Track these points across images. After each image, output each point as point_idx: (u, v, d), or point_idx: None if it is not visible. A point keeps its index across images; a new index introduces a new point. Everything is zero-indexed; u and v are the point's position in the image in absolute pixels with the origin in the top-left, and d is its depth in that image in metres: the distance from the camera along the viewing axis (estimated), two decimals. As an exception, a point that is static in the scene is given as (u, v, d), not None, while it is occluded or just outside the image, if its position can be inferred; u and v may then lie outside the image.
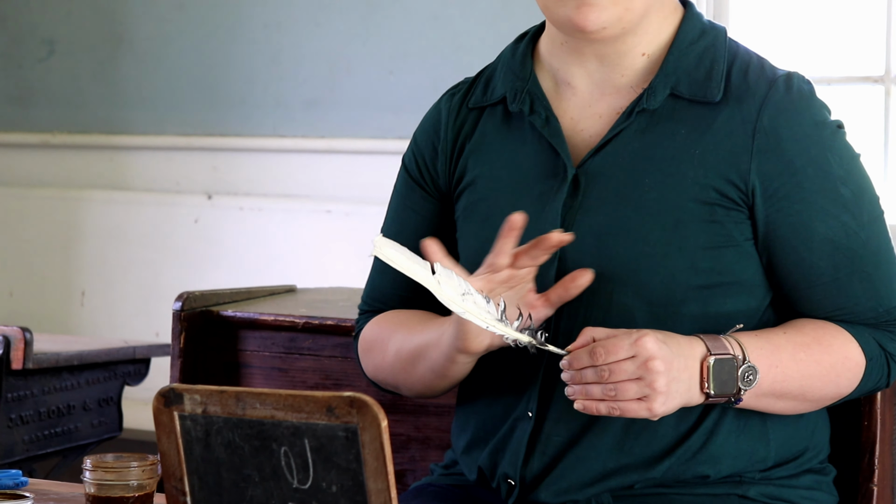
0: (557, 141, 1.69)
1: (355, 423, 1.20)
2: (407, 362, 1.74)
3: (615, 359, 1.54)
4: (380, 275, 1.83)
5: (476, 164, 1.74)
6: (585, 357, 1.56)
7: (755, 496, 1.68)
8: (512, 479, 1.69)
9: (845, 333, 1.66)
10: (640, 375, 1.54)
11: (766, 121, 1.64)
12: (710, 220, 1.64)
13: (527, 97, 1.72)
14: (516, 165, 1.72)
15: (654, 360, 1.54)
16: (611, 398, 1.55)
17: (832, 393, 1.66)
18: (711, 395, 1.59)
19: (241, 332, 2.24)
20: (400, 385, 1.78)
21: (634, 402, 1.55)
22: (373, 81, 4.07)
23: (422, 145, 1.80)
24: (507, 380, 1.71)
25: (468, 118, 1.77)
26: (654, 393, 1.55)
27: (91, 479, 1.53)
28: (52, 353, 2.84)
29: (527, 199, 1.69)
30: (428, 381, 1.72)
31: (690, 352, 1.58)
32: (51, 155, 4.50)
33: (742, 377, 1.59)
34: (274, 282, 3.76)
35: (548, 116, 1.70)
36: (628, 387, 1.54)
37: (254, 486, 1.25)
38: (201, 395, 1.27)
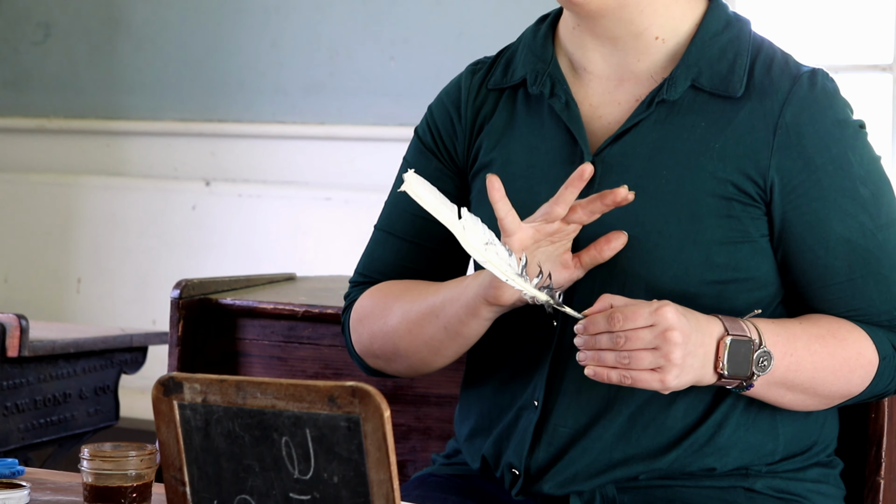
0: (576, 126, 1.68)
1: (357, 412, 1.19)
2: (415, 323, 1.71)
3: (633, 326, 1.53)
4: (380, 246, 1.81)
5: (493, 147, 1.74)
6: (602, 322, 1.54)
7: (761, 489, 1.67)
8: (516, 469, 1.68)
9: (860, 331, 1.65)
10: (656, 345, 1.53)
11: (788, 117, 1.64)
12: (727, 214, 1.63)
13: (547, 80, 1.72)
14: (533, 149, 1.71)
15: (672, 331, 1.53)
16: (623, 366, 1.53)
17: (842, 389, 1.65)
18: (725, 376, 1.58)
19: (239, 320, 2.24)
20: (400, 352, 1.74)
21: (647, 373, 1.53)
22: (374, 68, 4.07)
23: (439, 119, 1.79)
24: (514, 367, 1.70)
25: (487, 98, 1.76)
26: (668, 364, 1.53)
27: (89, 469, 1.52)
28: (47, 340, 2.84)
29: (542, 185, 1.68)
30: (437, 342, 1.69)
31: (708, 329, 1.57)
32: (47, 140, 4.49)
33: (757, 361, 1.58)
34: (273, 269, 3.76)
35: (567, 101, 1.70)
36: (643, 356, 1.53)
37: (254, 477, 1.25)
38: (201, 383, 1.27)
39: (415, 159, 1.80)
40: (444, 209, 1.54)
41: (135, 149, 4.37)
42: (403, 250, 1.78)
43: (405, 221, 1.78)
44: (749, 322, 1.60)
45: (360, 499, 1.20)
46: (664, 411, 1.64)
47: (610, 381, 1.54)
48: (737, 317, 1.62)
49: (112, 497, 1.52)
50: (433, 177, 1.75)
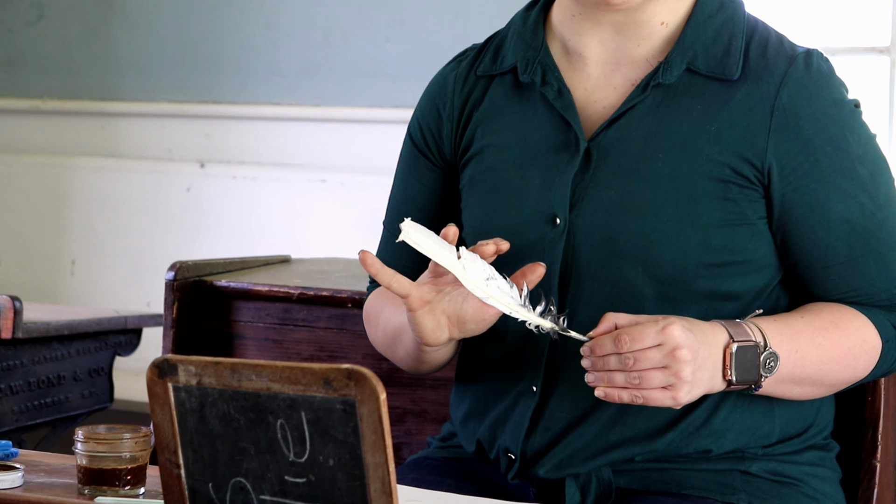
0: (570, 113, 1.68)
1: (353, 395, 1.19)
2: (391, 341, 1.75)
3: (641, 347, 1.53)
4: (386, 245, 1.82)
5: (484, 134, 1.73)
6: (609, 344, 1.54)
7: (757, 472, 1.67)
8: (512, 454, 1.68)
9: (862, 316, 1.66)
10: (666, 364, 1.53)
11: (784, 99, 1.63)
12: (724, 197, 1.63)
13: (538, 67, 1.71)
14: (526, 136, 1.70)
15: (681, 349, 1.53)
16: (634, 386, 1.54)
17: (848, 377, 1.66)
18: (734, 383, 1.59)
19: (234, 302, 2.24)
20: (393, 359, 1.78)
21: (658, 391, 1.54)
22: (369, 49, 4.06)
23: (426, 113, 1.79)
24: (512, 354, 1.70)
25: (477, 86, 1.76)
26: (679, 382, 1.54)
27: (83, 451, 1.52)
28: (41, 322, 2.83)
29: (536, 172, 1.68)
30: (409, 362, 1.73)
31: (714, 339, 1.58)
32: (41, 121, 4.48)
33: (764, 364, 1.59)
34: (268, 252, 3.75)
35: (560, 88, 1.69)
36: (653, 375, 1.54)
37: (249, 460, 1.25)
38: (196, 366, 1.26)
39: (406, 159, 1.81)
40: (443, 251, 1.55)
41: (129, 130, 4.36)
42: (409, 252, 1.78)
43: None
44: (752, 324, 1.60)
45: (356, 482, 1.20)
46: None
47: (621, 401, 1.55)
48: (728, 310, 1.62)
49: (106, 479, 1.52)
50: (422, 175, 1.77)
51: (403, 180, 1.80)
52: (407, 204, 1.78)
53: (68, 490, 1.54)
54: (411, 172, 1.79)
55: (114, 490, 1.52)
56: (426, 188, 1.78)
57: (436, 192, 1.78)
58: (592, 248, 1.63)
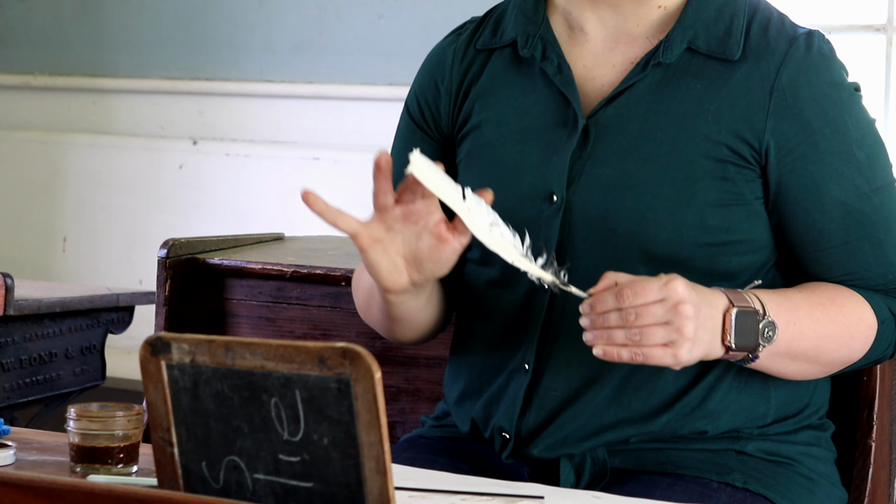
0: (569, 90, 1.67)
1: (348, 374, 1.19)
2: (367, 302, 1.75)
3: (643, 301, 1.51)
4: None
5: (482, 108, 1.72)
6: (611, 299, 1.52)
7: (753, 451, 1.67)
8: (507, 433, 1.68)
9: (858, 296, 1.65)
10: (668, 319, 1.51)
11: (784, 80, 1.63)
12: (721, 177, 1.62)
13: (539, 42, 1.70)
14: (524, 112, 1.70)
15: (684, 304, 1.51)
16: (634, 343, 1.51)
17: (844, 356, 1.65)
18: (732, 348, 1.57)
19: (227, 280, 2.23)
20: (378, 328, 1.77)
21: (659, 348, 1.51)
22: (363, 26, 4.04)
23: (425, 86, 1.78)
24: (504, 331, 1.70)
25: (476, 60, 1.75)
26: (681, 339, 1.51)
27: (75, 429, 1.52)
28: (33, 299, 2.83)
29: (533, 148, 1.67)
30: (385, 323, 1.71)
31: (714, 301, 1.56)
32: (32, 97, 4.46)
33: (762, 332, 1.58)
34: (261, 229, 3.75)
35: (560, 64, 1.68)
36: (655, 331, 1.51)
37: (243, 438, 1.25)
38: (189, 344, 1.26)
39: (403, 131, 1.80)
40: (449, 190, 1.53)
41: (121, 107, 4.35)
42: None
43: None
44: (751, 293, 1.60)
45: (350, 461, 1.20)
46: (656, 374, 1.64)
47: (621, 360, 1.52)
48: (737, 287, 1.61)
49: (99, 457, 1.51)
50: (421, 147, 1.74)
51: (399, 153, 1.79)
52: (402, 177, 1.77)
53: (61, 468, 1.54)
54: (407, 146, 1.78)
55: (106, 468, 1.51)
56: None
57: None
58: (589, 226, 1.63)
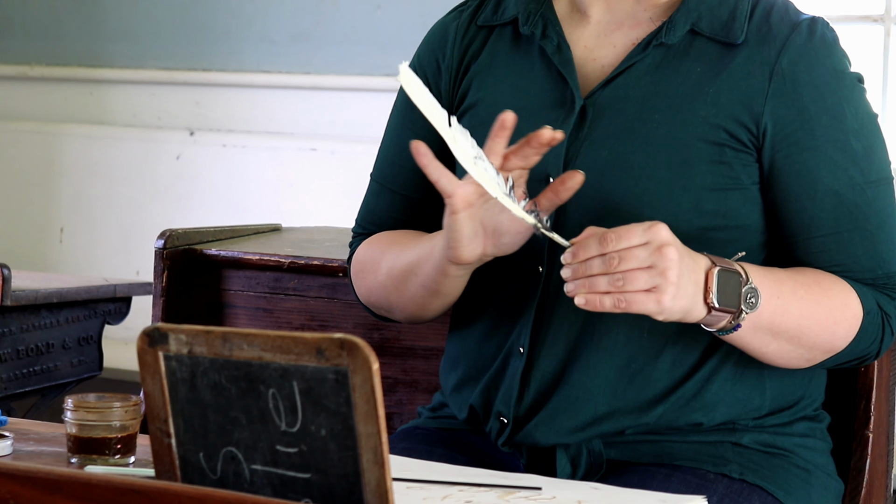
0: (567, 69, 1.67)
1: (346, 365, 1.19)
2: (399, 280, 1.70)
3: (627, 244, 1.48)
4: (375, 197, 1.80)
5: (480, 87, 1.72)
6: (594, 244, 1.49)
7: (748, 443, 1.68)
8: (505, 417, 1.68)
9: (845, 284, 1.64)
10: (652, 263, 1.49)
11: (785, 64, 1.63)
12: (719, 161, 1.62)
13: (539, 20, 1.70)
14: (522, 91, 1.69)
15: (668, 247, 1.49)
16: (617, 289, 1.48)
17: (826, 340, 1.63)
18: (715, 307, 1.54)
19: (224, 271, 2.23)
20: (393, 306, 1.75)
21: (643, 294, 1.49)
22: (360, 16, 4.04)
23: (425, 62, 1.77)
24: (499, 315, 1.69)
25: (477, 37, 1.74)
26: (665, 283, 1.49)
27: (73, 420, 1.52)
28: (30, 290, 2.83)
29: (530, 128, 1.66)
30: (420, 299, 1.69)
31: (697, 259, 1.54)
32: (29, 88, 4.46)
33: (745, 297, 1.55)
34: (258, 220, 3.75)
35: (560, 43, 1.68)
36: (638, 275, 1.49)
37: (241, 429, 1.25)
38: (187, 335, 1.26)
39: (401, 108, 1.79)
40: (436, 112, 1.50)
41: (118, 97, 4.34)
42: (396, 203, 1.77)
43: (397, 174, 1.77)
44: (735, 262, 1.59)
45: (348, 452, 1.20)
46: (651, 364, 1.63)
47: (603, 309, 1.49)
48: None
49: (96, 448, 1.51)
50: (418, 126, 1.73)
51: (396, 130, 1.78)
52: (400, 155, 1.76)
53: (58, 459, 1.54)
54: (406, 123, 1.77)
55: (104, 459, 1.52)
56: (420, 139, 1.76)
57: (431, 144, 1.76)
58: (584, 208, 1.62)
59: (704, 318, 1.56)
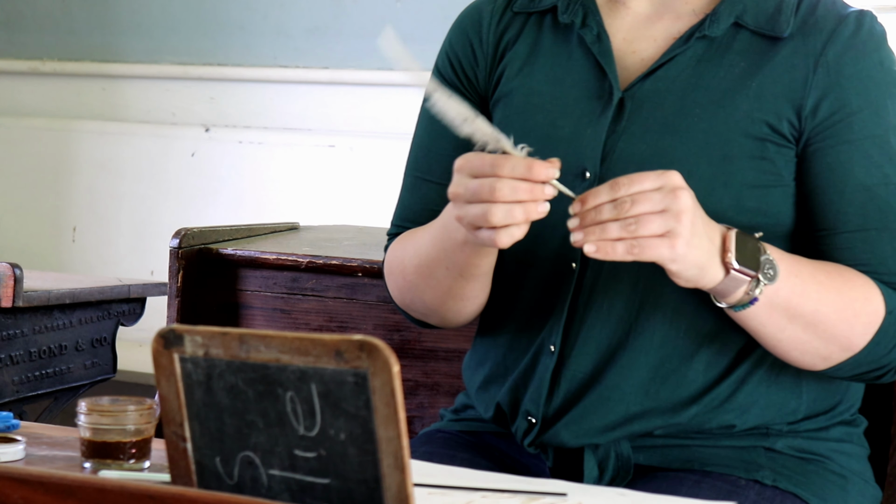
0: (606, 60, 1.67)
1: (365, 367, 1.19)
2: (426, 273, 1.69)
3: (640, 188, 1.47)
4: (409, 192, 1.79)
5: (515, 75, 1.72)
6: (605, 190, 1.48)
7: (782, 448, 1.67)
8: (533, 417, 1.68)
9: (869, 280, 1.62)
10: (665, 206, 1.48)
11: (830, 56, 1.62)
12: (760, 156, 1.62)
13: (580, 9, 1.70)
14: (559, 81, 1.69)
15: (682, 190, 1.49)
16: (630, 234, 1.46)
17: (844, 335, 1.60)
18: (734, 267, 1.53)
19: (241, 271, 2.24)
20: (427, 304, 1.73)
21: (657, 239, 1.47)
22: (380, 8, 4.04)
23: (457, 46, 1.77)
24: (530, 311, 1.69)
25: (513, 23, 1.74)
26: (679, 226, 1.48)
27: (86, 423, 1.53)
28: (42, 290, 2.84)
29: (567, 119, 1.67)
30: (451, 287, 1.67)
31: (713, 223, 1.54)
32: (40, 83, 4.47)
33: (763, 265, 1.54)
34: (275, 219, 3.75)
35: (599, 33, 1.68)
36: (651, 219, 1.47)
37: (258, 433, 1.25)
38: (203, 336, 1.26)
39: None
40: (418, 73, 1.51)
41: (132, 93, 4.36)
42: (433, 194, 1.75)
43: (432, 163, 1.76)
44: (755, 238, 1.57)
45: (368, 456, 1.20)
46: (685, 364, 1.63)
47: (615, 256, 1.47)
48: None
49: (111, 453, 1.52)
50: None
51: (431, 119, 1.76)
52: (437, 143, 1.75)
53: (71, 463, 1.54)
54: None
55: (118, 463, 1.52)
56: None
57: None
58: None
59: (721, 283, 1.54)
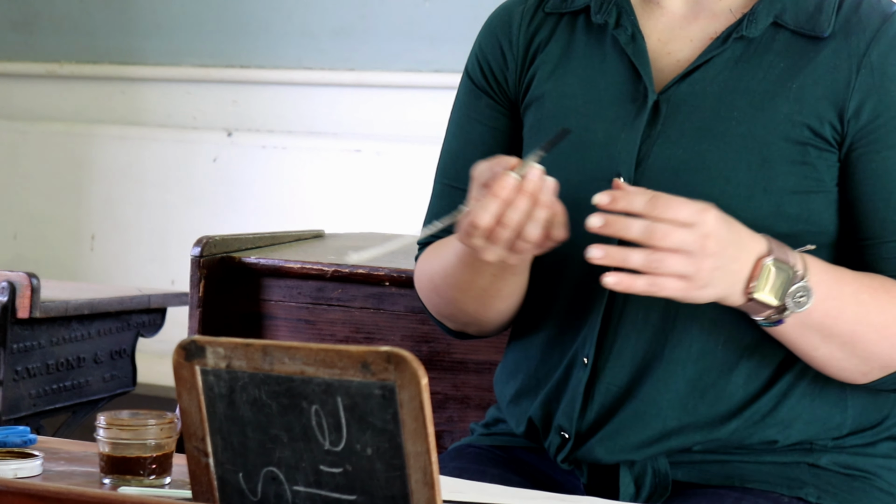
0: (641, 62, 1.67)
1: (393, 380, 1.19)
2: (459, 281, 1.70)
3: (674, 216, 1.49)
4: (439, 199, 1.80)
5: (548, 78, 1.72)
6: (641, 202, 1.50)
7: (827, 464, 1.66)
8: (566, 432, 1.68)
9: None
10: (693, 250, 1.49)
11: (874, 56, 1.62)
12: (801, 161, 1.61)
13: (613, 9, 1.70)
14: (592, 83, 1.69)
15: (710, 239, 1.50)
16: (652, 270, 1.49)
17: (885, 354, 1.60)
18: (754, 300, 1.54)
19: (264, 280, 2.25)
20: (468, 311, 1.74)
21: (675, 279, 1.50)
22: (407, 9, 4.05)
23: (487, 49, 1.77)
24: (564, 323, 1.69)
25: (544, 24, 1.74)
26: (698, 275, 1.50)
27: (105, 438, 1.53)
28: (60, 301, 2.85)
29: (600, 123, 1.67)
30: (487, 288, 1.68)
31: (749, 245, 1.54)
32: (58, 86, 4.50)
33: (794, 294, 1.55)
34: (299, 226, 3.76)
35: (634, 33, 1.68)
36: (676, 260, 1.49)
37: (282, 448, 1.25)
38: (225, 348, 1.27)
39: (464, 99, 1.79)
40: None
41: (152, 96, 4.38)
42: (463, 201, 1.76)
43: (460, 169, 1.76)
44: (800, 255, 1.57)
45: (396, 472, 1.20)
46: (725, 377, 1.63)
47: (632, 291, 1.50)
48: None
49: (130, 468, 1.53)
50: (484, 116, 1.75)
51: (461, 124, 1.77)
52: (467, 149, 1.75)
53: (90, 479, 1.55)
54: (470, 114, 1.77)
55: (138, 479, 1.53)
56: (489, 129, 1.76)
57: (501, 133, 1.75)
58: None
59: (744, 305, 1.56)
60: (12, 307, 2.75)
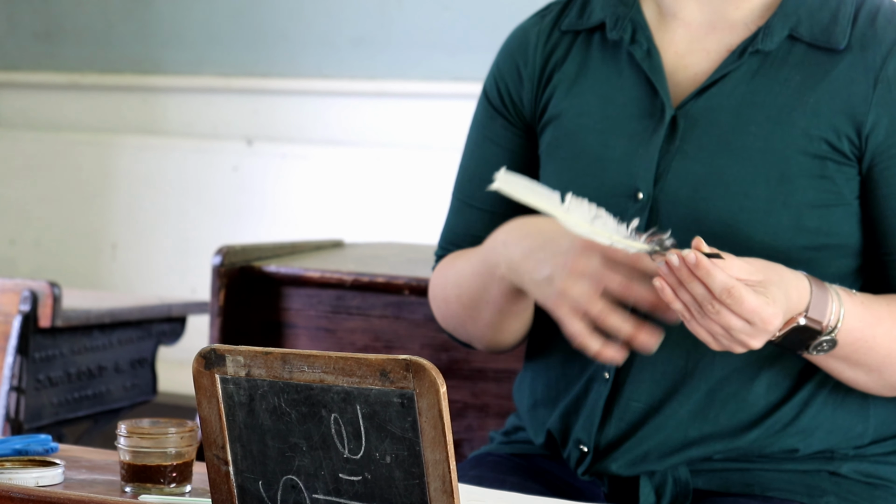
0: (657, 77, 1.67)
1: (411, 388, 1.19)
2: (469, 302, 1.72)
3: (737, 308, 1.50)
4: (455, 215, 1.81)
5: (565, 96, 1.72)
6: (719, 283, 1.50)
7: (848, 473, 1.66)
8: (585, 446, 1.68)
9: None
10: (741, 338, 1.53)
11: (891, 70, 1.61)
12: (820, 175, 1.61)
13: (629, 25, 1.70)
14: (609, 100, 1.69)
15: (763, 335, 1.53)
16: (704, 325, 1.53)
17: None
18: (778, 343, 1.58)
19: (284, 289, 2.25)
20: (471, 334, 1.76)
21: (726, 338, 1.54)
22: (426, 18, 4.06)
23: (504, 70, 1.78)
24: None
25: (560, 42, 1.75)
26: (740, 347, 1.54)
27: (126, 446, 1.54)
28: (81, 310, 2.86)
29: (618, 140, 1.67)
30: (490, 322, 1.71)
31: (789, 307, 1.56)
32: (79, 96, 4.51)
33: (815, 346, 1.58)
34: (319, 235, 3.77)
35: (650, 49, 1.68)
36: (719, 331, 1.53)
37: (301, 456, 1.26)
38: (245, 356, 1.27)
39: (481, 119, 1.80)
40: (542, 197, 1.54)
41: (173, 106, 4.39)
42: (476, 220, 1.78)
43: (476, 188, 1.78)
44: (836, 299, 1.58)
45: (415, 480, 1.20)
46: (746, 387, 1.63)
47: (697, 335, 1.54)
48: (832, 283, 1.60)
49: (151, 476, 1.53)
50: (499, 137, 1.75)
51: (477, 143, 1.79)
52: (482, 168, 1.76)
53: (111, 487, 1.55)
54: (487, 134, 1.78)
55: (158, 488, 1.53)
56: (504, 150, 1.77)
57: (515, 154, 1.76)
58: (676, 226, 1.61)
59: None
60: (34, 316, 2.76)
